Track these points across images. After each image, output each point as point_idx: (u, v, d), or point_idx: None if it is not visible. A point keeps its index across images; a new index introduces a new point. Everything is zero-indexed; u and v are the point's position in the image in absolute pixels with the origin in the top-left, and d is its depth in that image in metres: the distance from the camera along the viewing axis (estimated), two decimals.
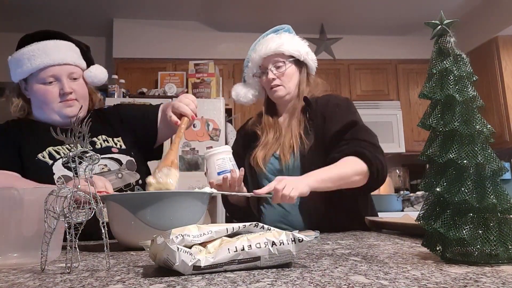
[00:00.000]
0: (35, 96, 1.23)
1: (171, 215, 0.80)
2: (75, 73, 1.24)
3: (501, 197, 0.55)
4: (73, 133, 0.58)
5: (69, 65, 1.23)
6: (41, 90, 1.21)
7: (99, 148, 1.24)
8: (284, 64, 1.34)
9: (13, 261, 0.63)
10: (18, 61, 1.22)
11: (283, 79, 1.34)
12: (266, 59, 1.34)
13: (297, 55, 1.35)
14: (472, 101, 0.59)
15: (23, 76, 1.23)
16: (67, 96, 1.21)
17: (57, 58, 1.20)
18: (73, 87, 1.23)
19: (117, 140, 1.29)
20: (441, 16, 0.61)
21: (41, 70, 1.19)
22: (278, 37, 1.37)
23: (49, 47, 1.21)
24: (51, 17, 3.78)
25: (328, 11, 3.81)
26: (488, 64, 3.58)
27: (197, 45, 4.00)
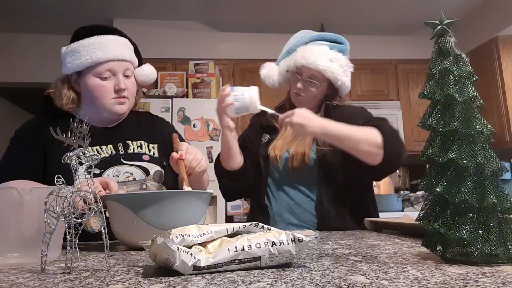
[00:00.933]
0: (89, 89, 1.19)
1: (173, 215, 0.80)
2: (129, 69, 1.23)
3: (501, 197, 0.55)
4: (73, 133, 0.58)
5: (125, 61, 1.21)
6: (97, 85, 1.17)
7: (131, 153, 1.22)
8: (317, 85, 1.34)
9: (13, 261, 0.63)
10: (76, 53, 1.17)
11: (309, 94, 1.35)
12: (306, 68, 1.32)
13: (334, 81, 1.34)
14: (472, 101, 0.59)
15: (80, 68, 1.18)
16: (122, 92, 1.19)
17: (116, 53, 1.18)
18: (127, 84, 1.21)
19: (152, 147, 1.27)
20: (441, 16, 0.61)
21: (98, 64, 1.17)
22: (331, 54, 1.33)
23: (109, 41, 1.19)
24: (51, 17, 3.79)
25: (328, 11, 3.81)
26: (488, 64, 3.58)
27: (197, 45, 4.00)
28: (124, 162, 1.20)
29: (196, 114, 3.11)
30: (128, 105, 1.23)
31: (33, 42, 4.07)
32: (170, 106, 3.13)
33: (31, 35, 4.06)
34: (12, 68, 4.00)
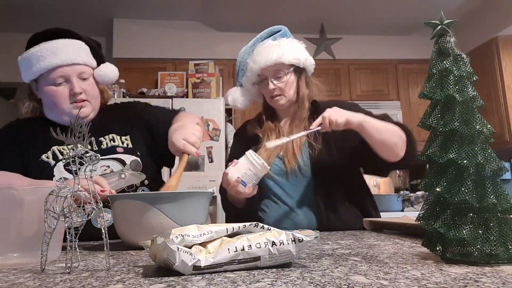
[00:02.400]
0: (45, 97, 1.21)
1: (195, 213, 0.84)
2: (85, 72, 1.22)
3: (501, 197, 0.55)
4: (73, 133, 0.58)
5: (78, 65, 1.20)
6: (51, 92, 1.18)
7: (104, 148, 1.23)
8: (284, 74, 1.34)
9: (13, 261, 0.63)
10: (28, 61, 1.19)
11: (283, 87, 1.34)
12: (266, 69, 1.33)
13: (297, 63, 1.34)
14: (472, 101, 0.59)
15: (33, 77, 1.20)
16: (77, 96, 1.19)
17: (66, 58, 1.18)
18: (83, 87, 1.20)
19: (125, 139, 1.28)
20: (441, 16, 0.61)
21: (51, 71, 1.17)
22: (277, 45, 1.35)
23: (57, 46, 1.19)
24: (51, 17, 3.78)
25: (328, 11, 3.81)
26: (488, 64, 3.58)
27: (197, 45, 4.00)
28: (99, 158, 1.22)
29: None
30: (90, 107, 1.23)
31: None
32: (170, 106, 3.13)
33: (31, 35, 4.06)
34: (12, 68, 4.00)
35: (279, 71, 1.33)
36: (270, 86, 1.33)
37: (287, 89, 1.35)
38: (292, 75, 1.36)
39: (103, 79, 1.27)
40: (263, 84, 1.36)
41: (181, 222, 0.79)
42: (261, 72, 1.34)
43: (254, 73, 1.36)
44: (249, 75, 1.38)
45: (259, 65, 1.33)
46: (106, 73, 1.27)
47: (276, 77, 1.33)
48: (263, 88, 1.36)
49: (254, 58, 1.35)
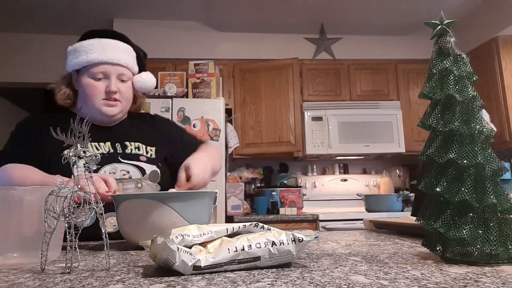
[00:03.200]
0: (82, 89, 1.25)
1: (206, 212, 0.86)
2: (125, 75, 1.27)
3: (501, 197, 0.55)
4: (73, 133, 0.58)
5: (120, 66, 1.25)
6: (89, 84, 1.23)
7: (128, 153, 1.25)
8: None
9: (13, 261, 0.63)
10: (76, 52, 1.24)
11: None
12: None
13: None
14: (472, 101, 0.59)
15: (77, 67, 1.24)
16: (111, 94, 1.23)
17: (111, 56, 1.23)
18: (120, 88, 1.25)
19: (150, 149, 1.30)
20: (441, 16, 0.61)
21: (94, 65, 1.22)
22: None
23: (107, 44, 1.24)
24: (51, 17, 3.78)
25: (328, 11, 3.81)
26: (488, 64, 3.58)
27: (197, 45, 4.00)
28: (121, 160, 1.23)
29: (196, 114, 3.11)
30: (120, 108, 1.27)
31: (33, 42, 4.07)
32: (170, 106, 3.13)
33: (31, 35, 4.06)
34: (12, 68, 4.00)
35: None
36: None
37: None
38: None
39: (141, 86, 1.32)
40: None
41: (193, 221, 0.79)
42: None
43: None
44: None
45: None
46: (145, 81, 1.32)
47: None
48: None
49: None
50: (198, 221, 0.79)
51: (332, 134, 3.62)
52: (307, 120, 3.66)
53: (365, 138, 3.69)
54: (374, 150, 3.71)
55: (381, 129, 3.76)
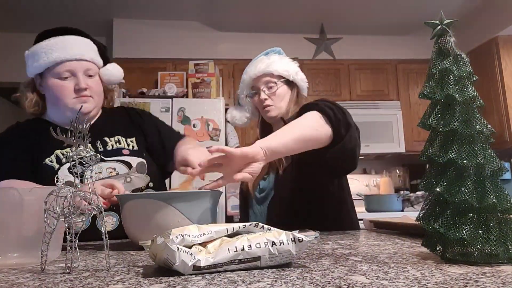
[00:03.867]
0: (50, 91, 1.20)
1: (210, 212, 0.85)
2: (92, 69, 1.22)
3: (501, 197, 0.55)
4: (73, 133, 0.58)
5: (86, 61, 1.21)
6: (56, 85, 1.18)
7: (110, 150, 1.22)
8: (275, 84, 1.35)
9: (13, 261, 0.63)
10: (35, 55, 1.19)
11: (274, 99, 1.35)
12: (256, 80, 1.36)
13: (286, 75, 1.36)
14: (472, 101, 0.59)
15: (39, 70, 1.20)
16: (82, 92, 1.19)
17: (75, 53, 1.18)
18: (89, 84, 1.20)
19: (130, 141, 1.27)
20: (441, 16, 0.61)
21: (58, 65, 1.17)
22: (267, 58, 1.38)
23: (67, 41, 1.20)
24: (51, 17, 3.78)
25: (328, 11, 3.81)
26: (488, 64, 3.58)
27: (197, 45, 4.00)
28: (104, 158, 1.20)
29: (196, 114, 3.11)
30: (93, 104, 1.23)
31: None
32: (170, 106, 3.13)
33: (31, 35, 4.05)
34: (12, 68, 4.00)
35: (269, 82, 1.35)
36: (262, 95, 1.34)
37: (277, 100, 1.35)
38: (284, 87, 1.37)
39: (109, 78, 1.28)
40: (255, 96, 1.38)
41: (197, 221, 0.79)
42: (253, 83, 1.37)
43: (246, 85, 1.39)
44: (242, 86, 1.41)
45: (249, 75, 1.36)
46: (113, 73, 1.28)
47: (267, 86, 1.35)
48: (256, 100, 1.38)
49: (246, 70, 1.39)
50: (202, 221, 0.79)
51: None
52: None
53: (365, 138, 3.68)
54: (374, 150, 3.71)
55: (381, 129, 3.76)
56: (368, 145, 3.68)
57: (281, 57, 1.42)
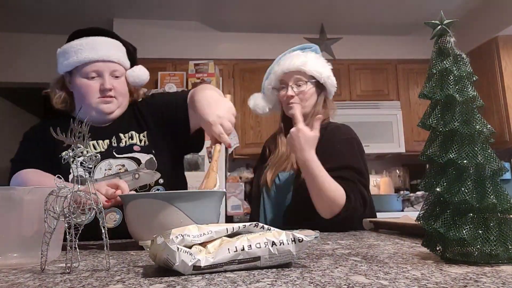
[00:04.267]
0: (77, 89, 1.24)
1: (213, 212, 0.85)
2: (118, 71, 1.26)
3: (501, 197, 0.55)
4: (73, 133, 0.58)
5: (112, 63, 1.24)
6: (83, 84, 1.22)
7: (122, 147, 1.25)
8: (305, 83, 1.34)
9: (13, 261, 0.63)
10: (66, 53, 1.23)
11: (301, 97, 1.34)
12: (287, 75, 1.34)
13: (318, 77, 1.35)
14: (472, 101, 0.59)
15: (69, 69, 1.24)
16: (107, 92, 1.23)
17: (102, 54, 1.22)
18: (114, 84, 1.24)
19: (143, 136, 1.28)
20: (441, 16, 0.61)
21: (86, 65, 1.21)
22: (303, 55, 1.37)
23: (96, 42, 1.24)
24: (51, 17, 3.79)
25: (328, 11, 3.81)
26: (488, 64, 3.58)
27: (197, 45, 4.00)
28: (116, 155, 1.23)
29: None
30: (117, 104, 1.26)
31: (33, 42, 4.07)
32: None
33: (31, 35, 4.06)
34: (12, 68, 4.00)
35: (300, 79, 1.34)
36: (289, 91, 1.34)
37: (305, 99, 1.35)
38: (312, 88, 1.36)
39: (134, 80, 1.31)
40: (282, 90, 1.37)
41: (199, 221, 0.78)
42: (282, 77, 1.36)
43: (276, 76, 1.37)
44: (272, 77, 1.39)
45: (282, 68, 1.35)
46: (139, 75, 1.31)
47: (297, 84, 1.34)
48: (282, 94, 1.37)
49: (279, 62, 1.37)
50: (205, 221, 0.78)
51: None
52: None
53: (365, 138, 3.67)
54: (374, 150, 3.71)
55: (381, 129, 3.76)
56: (368, 145, 3.68)
57: (318, 56, 1.41)
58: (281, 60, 1.38)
